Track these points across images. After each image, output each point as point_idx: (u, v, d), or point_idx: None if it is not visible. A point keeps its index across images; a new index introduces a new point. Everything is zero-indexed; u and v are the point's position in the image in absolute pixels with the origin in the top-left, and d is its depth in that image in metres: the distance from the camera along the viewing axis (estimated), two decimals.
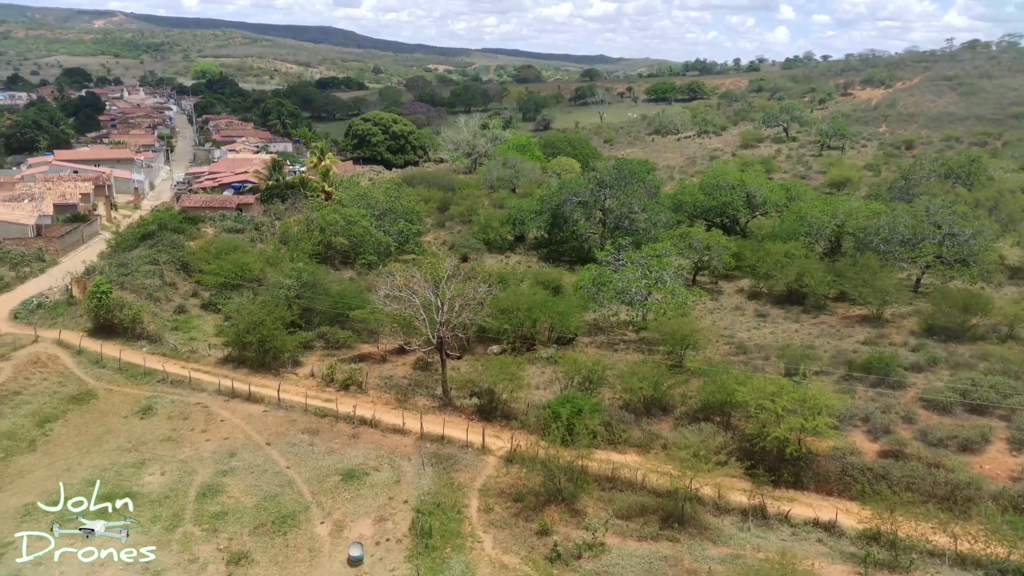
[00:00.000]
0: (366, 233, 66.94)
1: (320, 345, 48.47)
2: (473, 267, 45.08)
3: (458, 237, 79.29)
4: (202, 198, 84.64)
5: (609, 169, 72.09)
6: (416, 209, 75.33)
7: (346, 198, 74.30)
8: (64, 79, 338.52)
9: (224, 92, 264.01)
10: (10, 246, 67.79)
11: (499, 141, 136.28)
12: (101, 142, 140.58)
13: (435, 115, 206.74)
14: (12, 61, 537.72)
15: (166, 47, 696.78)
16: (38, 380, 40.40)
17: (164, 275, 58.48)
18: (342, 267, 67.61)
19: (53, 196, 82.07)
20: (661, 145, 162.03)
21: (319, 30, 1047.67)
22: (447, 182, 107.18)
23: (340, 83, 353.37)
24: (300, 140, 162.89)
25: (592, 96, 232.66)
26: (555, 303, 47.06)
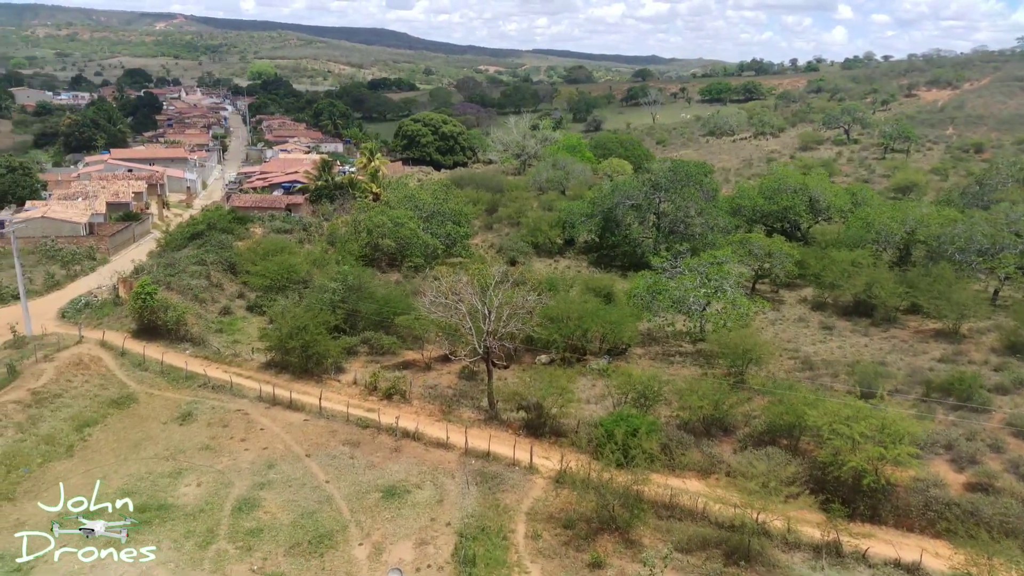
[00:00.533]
0: (413, 235, 65.58)
1: (364, 351, 47.11)
2: (522, 273, 43.03)
3: (506, 240, 77.48)
4: (252, 198, 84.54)
5: (664, 171, 69.42)
6: (464, 211, 73.72)
7: (394, 200, 73.13)
8: (125, 79, 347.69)
9: (278, 93, 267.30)
10: (63, 244, 68.33)
11: (549, 142, 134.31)
12: (157, 141, 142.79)
13: (485, 116, 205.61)
14: (78, 62, 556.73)
15: (224, 49, 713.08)
16: (80, 383, 39.78)
17: (211, 276, 57.95)
18: (389, 269, 66.40)
19: (107, 195, 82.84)
20: (716, 147, 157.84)
21: (372, 32, 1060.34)
22: (496, 183, 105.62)
23: (391, 84, 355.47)
24: (350, 140, 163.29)
25: (644, 97, 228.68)
26: (607, 312, 44.80)
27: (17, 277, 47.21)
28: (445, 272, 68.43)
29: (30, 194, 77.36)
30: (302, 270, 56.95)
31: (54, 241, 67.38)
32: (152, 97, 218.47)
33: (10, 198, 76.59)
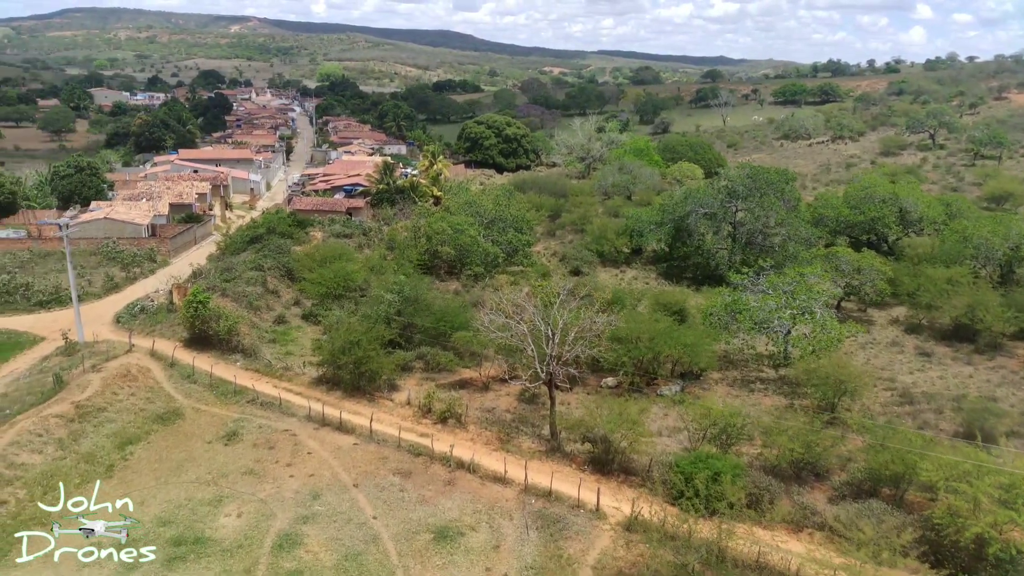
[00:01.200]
0: (473, 243, 62.99)
1: (419, 367, 44.57)
2: (589, 292, 39.77)
3: (570, 248, 74.30)
4: (313, 201, 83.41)
5: (742, 178, 65.11)
6: (526, 218, 70.82)
7: (454, 206, 70.70)
8: (199, 81, 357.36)
9: (345, 94, 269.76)
10: (124, 246, 68.13)
11: (615, 145, 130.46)
12: (224, 142, 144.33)
13: (549, 118, 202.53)
14: (156, 64, 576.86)
15: (294, 51, 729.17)
16: (125, 395, 38.26)
17: (267, 282, 56.43)
18: (447, 278, 64.00)
19: (171, 196, 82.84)
20: (791, 151, 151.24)
21: (438, 34, 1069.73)
22: (559, 188, 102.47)
23: (456, 86, 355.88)
24: (414, 143, 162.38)
25: (715, 98, 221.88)
26: (682, 334, 41.12)
27: (70, 280, 46.12)
28: (505, 281, 66.07)
29: (96, 194, 77.81)
30: (359, 278, 54.93)
31: (115, 243, 67.18)
32: (222, 98, 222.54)
33: (76, 198, 77.13)
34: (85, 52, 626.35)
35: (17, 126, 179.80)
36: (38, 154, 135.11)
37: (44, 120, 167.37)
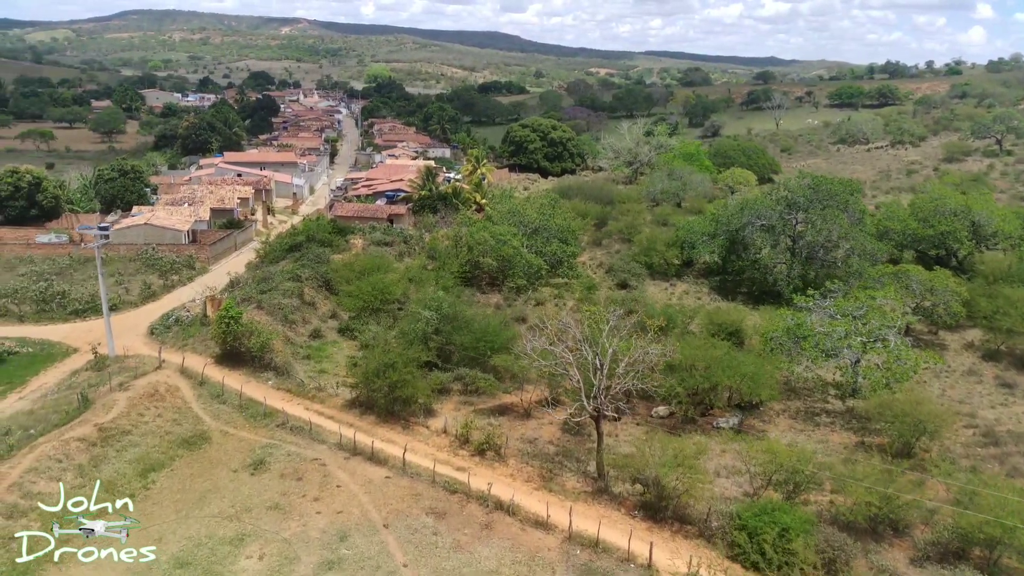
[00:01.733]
0: (516, 255, 60.48)
1: (457, 389, 42.26)
2: (642, 318, 36.88)
3: (616, 259, 71.29)
4: (354, 207, 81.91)
5: (802, 188, 61.35)
6: (572, 228, 68.02)
7: (497, 215, 68.23)
8: (249, 82, 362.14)
9: (391, 96, 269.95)
10: (164, 252, 67.28)
11: (664, 149, 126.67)
12: (270, 144, 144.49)
13: (596, 120, 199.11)
14: (208, 65, 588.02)
15: (343, 52, 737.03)
16: (152, 417, 36.65)
17: (304, 293, 54.70)
18: (489, 290, 61.66)
19: (212, 200, 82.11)
20: (848, 156, 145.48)
21: (485, 35, 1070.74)
22: (605, 194, 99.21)
23: (502, 87, 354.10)
24: (458, 146, 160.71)
25: (768, 100, 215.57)
26: (742, 363, 37.97)
27: (101, 293, 44.86)
28: (549, 294, 63.44)
29: (138, 199, 77.42)
30: (397, 291, 52.87)
31: (155, 249, 66.35)
32: (270, 100, 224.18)
33: (119, 203, 76.79)
34: (141, 53, 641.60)
35: (71, 127, 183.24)
36: (88, 155, 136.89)
37: (95, 121, 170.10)
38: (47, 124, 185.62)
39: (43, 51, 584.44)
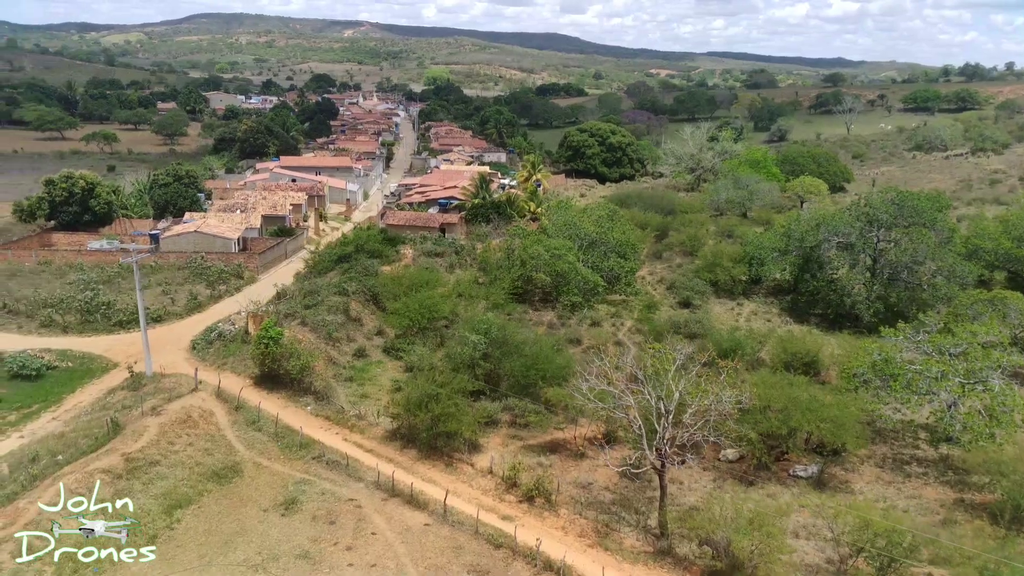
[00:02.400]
0: (572, 270, 57.18)
1: (505, 420, 39.28)
2: (712, 357, 33.28)
3: (679, 274, 67.41)
4: (406, 215, 79.81)
5: (886, 204, 56.49)
6: (631, 241, 64.35)
7: (552, 227, 65.00)
8: (311, 84, 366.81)
9: (448, 99, 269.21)
10: (213, 260, 66.11)
11: (728, 155, 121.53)
12: (326, 148, 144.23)
13: (656, 124, 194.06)
14: (272, 67, 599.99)
15: (404, 54, 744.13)
16: (182, 446, 34.62)
17: (350, 309, 52.44)
18: (542, 306, 58.51)
19: (264, 207, 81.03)
20: (925, 164, 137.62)
21: (545, 37, 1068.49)
22: (666, 203, 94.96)
23: (560, 89, 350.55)
24: (514, 150, 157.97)
25: (838, 104, 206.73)
26: (824, 406, 33.92)
27: (139, 310, 43.22)
28: (606, 313, 59.99)
29: (190, 204, 76.78)
30: (445, 309, 50.21)
31: (203, 258, 65.20)
32: (329, 103, 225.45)
33: (171, 209, 76.23)
34: (208, 56, 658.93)
35: (136, 129, 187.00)
36: (149, 158, 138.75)
37: (158, 124, 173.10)
38: (113, 126, 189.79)
39: (116, 54, 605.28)
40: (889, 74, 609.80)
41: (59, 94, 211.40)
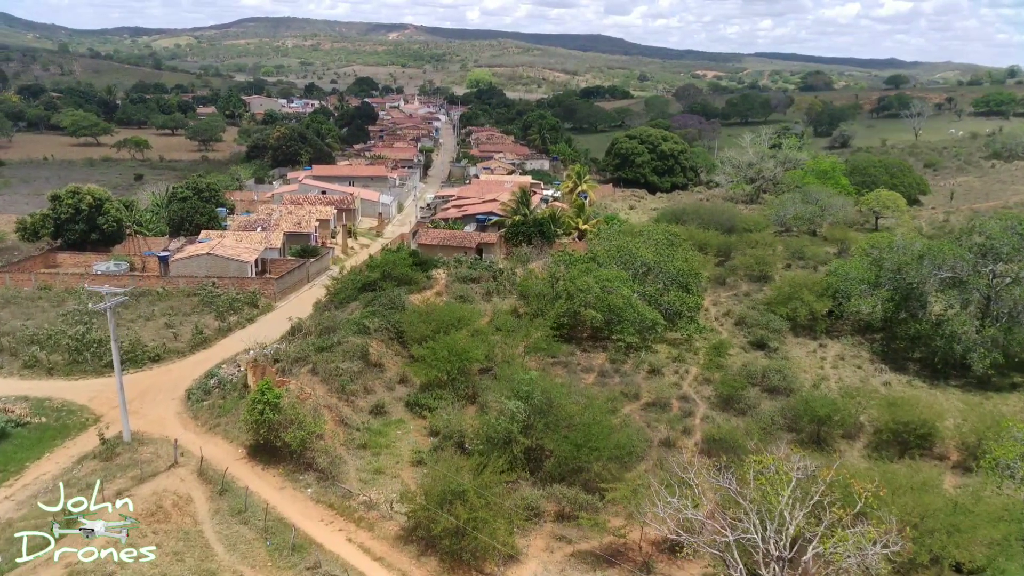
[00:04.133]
0: (627, 306, 49.24)
1: (550, 511, 31.58)
2: (845, 478, 25.01)
3: (747, 306, 58.94)
4: (440, 234, 72.65)
5: (1005, 233, 47.41)
6: (695, 271, 56.17)
7: (602, 252, 57.06)
8: (354, 87, 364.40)
9: (491, 102, 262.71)
10: (226, 286, 59.79)
11: (792, 164, 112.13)
12: (363, 155, 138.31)
13: (708, 128, 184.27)
14: (317, 71, 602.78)
15: (447, 57, 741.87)
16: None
17: (369, 352, 45.22)
18: (592, 346, 50.70)
19: (289, 223, 74.70)
20: (1006, 173, 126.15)
21: (588, 38, 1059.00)
22: (726, 218, 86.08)
23: (605, 91, 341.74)
24: (558, 157, 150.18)
25: (904, 108, 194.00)
26: (977, 522, 25.50)
27: (114, 362, 36.64)
28: (666, 357, 51.89)
29: (208, 221, 70.62)
30: (478, 355, 42.69)
31: (215, 284, 58.85)
32: (368, 107, 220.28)
33: (187, 226, 70.16)
34: (255, 59, 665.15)
35: (173, 134, 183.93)
36: (179, 165, 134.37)
37: (193, 130, 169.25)
38: (150, 131, 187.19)
39: (166, 57, 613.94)
40: (946, 75, 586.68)
41: (99, 99, 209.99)
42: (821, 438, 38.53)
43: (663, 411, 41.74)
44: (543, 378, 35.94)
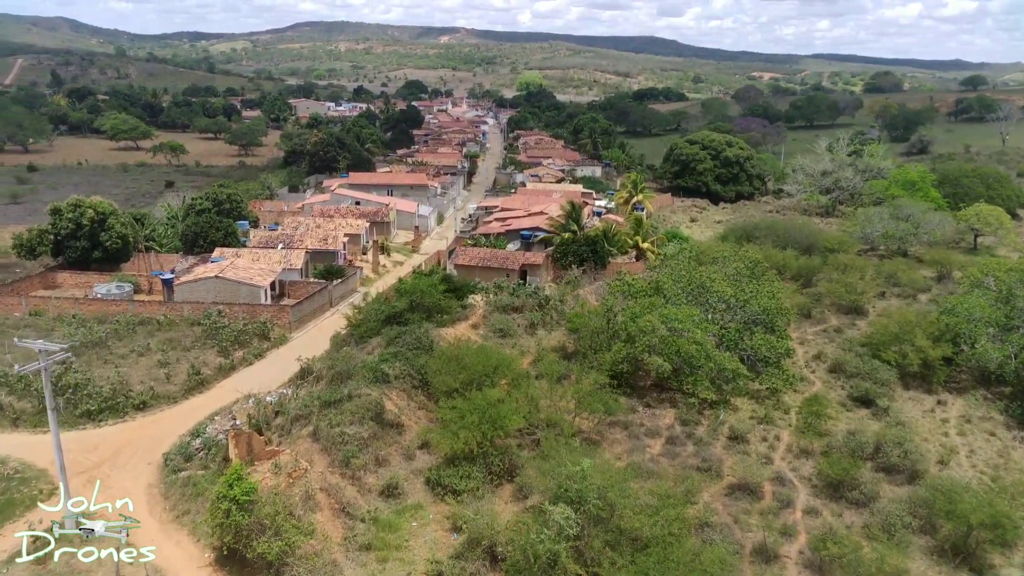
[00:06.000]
0: (701, 354, 40.25)
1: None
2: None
3: (843, 347, 49.26)
4: (479, 254, 64.42)
5: None
6: (784, 309, 46.78)
7: (668, 282, 47.87)
8: (403, 91, 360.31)
9: (540, 105, 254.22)
10: (235, 314, 52.55)
11: (873, 174, 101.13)
12: (405, 161, 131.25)
13: (772, 132, 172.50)
14: (368, 74, 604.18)
15: (497, 60, 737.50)
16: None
17: (385, 410, 37.10)
18: (655, 399, 41.84)
19: (313, 239, 67.44)
20: None
21: (641, 40, 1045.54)
22: (804, 235, 76.00)
23: (659, 94, 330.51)
24: (610, 163, 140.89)
25: (990, 111, 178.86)
26: None
27: (51, 429, 29.22)
28: (749, 416, 42.77)
29: (224, 237, 63.62)
30: (516, 422, 34.19)
31: (221, 312, 51.62)
32: (414, 111, 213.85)
33: (201, 242, 63.30)
34: (308, 63, 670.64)
35: (216, 138, 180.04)
36: (214, 171, 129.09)
37: (232, 134, 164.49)
38: (192, 135, 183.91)
39: (222, 61, 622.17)
40: (1015, 76, 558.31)
41: (144, 102, 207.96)
42: (967, 547, 29.16)
43: (753, 498, 32.79)
44: (600, 469, 27.23)
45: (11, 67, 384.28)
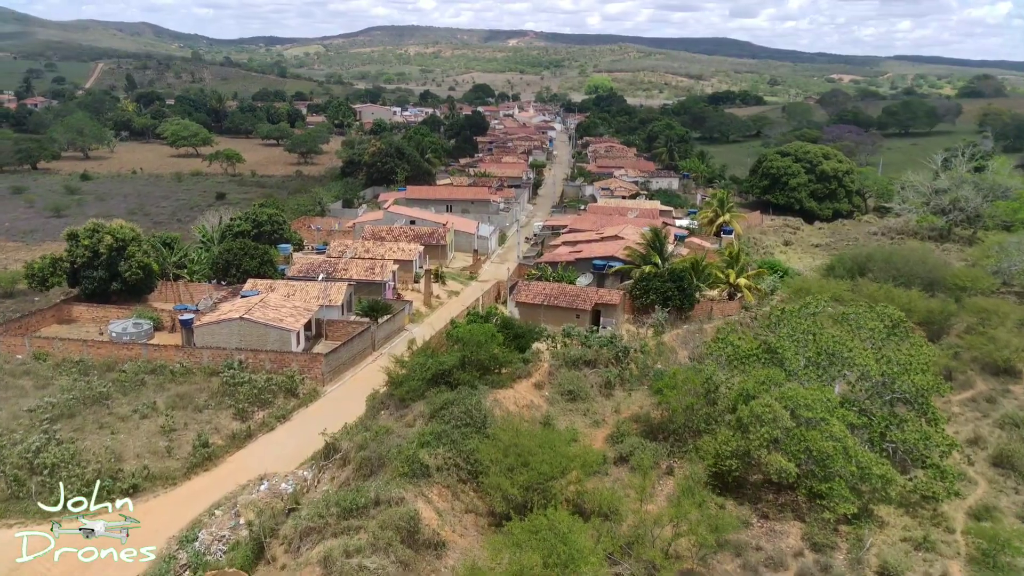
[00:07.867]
0: (837, 451, 30.41)
1: None
2: None
3: (1004, 428, 38.65)
4: (544, 290, 55.33)
5: None
6: (941, 386, 36.37)
7: (787, 347, 37.74)
8: (469, 95, 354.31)
9: (610, 110, 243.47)
10: (262, 362, 44.96)
11: (998, 193, 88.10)
12: (467, 171, 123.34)
13: (867, 141, 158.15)
14: (436, 77, 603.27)
15: (566, 63, 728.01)
16: None
17: (421, 520, 28.45)
18: (771, 507, 32.24)
19: (358, 270, 59.66)
20: None
21: (713, 42, 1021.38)
22: (928, 269, 64.43)
23: (735, 97, 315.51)
24: (688, 175, 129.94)
25: None
26: None
27: None
28: (900, 532, 32.61)
29: (259, 267, 56.28)
30: (597, 559, 25.09)
31: (242, 364, 43.99)
32: (478, 116, 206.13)
33: (234, 271, 56.06)
34: (378, 67, 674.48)
35: (277, 144, 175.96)
36: (270, 182, 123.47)
37: (292, 142, 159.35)
38: (255, 141, 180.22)
39: (294, 65, 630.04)
40: None
41: (208, 107, 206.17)
42: None
43: None
44: None
45: (92, 71, 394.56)
